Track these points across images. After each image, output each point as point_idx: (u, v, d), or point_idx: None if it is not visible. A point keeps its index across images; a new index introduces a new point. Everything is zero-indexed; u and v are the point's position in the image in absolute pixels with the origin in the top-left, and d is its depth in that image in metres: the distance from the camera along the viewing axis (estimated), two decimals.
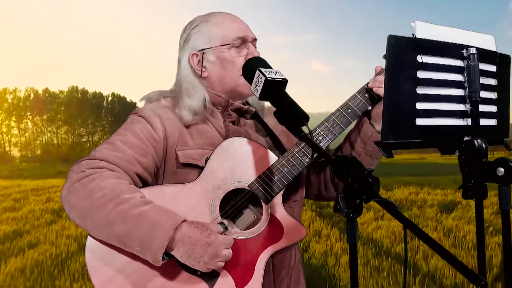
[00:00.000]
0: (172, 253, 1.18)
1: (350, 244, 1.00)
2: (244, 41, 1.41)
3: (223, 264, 1.21)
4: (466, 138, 1.10)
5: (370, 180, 0.96)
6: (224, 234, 1.25)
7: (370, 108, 1.41)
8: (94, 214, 1.18)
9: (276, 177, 1.31)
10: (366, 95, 1.38)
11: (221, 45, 1.40)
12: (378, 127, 1.41)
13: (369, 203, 0.96)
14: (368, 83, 1.39)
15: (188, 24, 1.48)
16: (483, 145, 1.08)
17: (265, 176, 1.31)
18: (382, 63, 1.05)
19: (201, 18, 1.46)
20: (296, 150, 1.34)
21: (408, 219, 0.91)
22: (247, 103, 1.51)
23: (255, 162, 1.33)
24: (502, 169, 1.04)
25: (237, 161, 1.32)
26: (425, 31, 1.06)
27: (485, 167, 1.07)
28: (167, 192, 1.28)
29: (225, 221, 1.28)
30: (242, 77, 1.37)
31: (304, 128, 1.12)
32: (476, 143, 1.08)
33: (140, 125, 1.34)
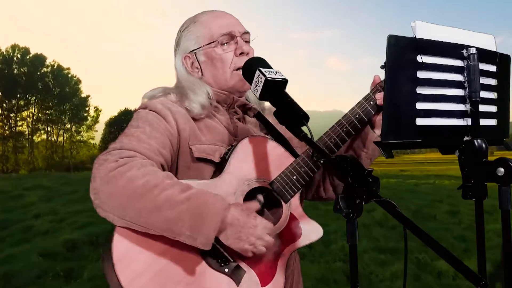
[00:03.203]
0: (220, 235, 1.17)
1: (350, 244, 1.00)
2: (232, 36, 1.40)
3: (264, 249, 1.22)
4: (466, 138, 1.10)
5: (370, 180, 0.96)
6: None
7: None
8: (138, 202, 1.13)
9: (294, 177, 1.33)
10: (371, 102, 1.38)
11: (208, 44, 1.40)
12: (379, 132, 1.42)
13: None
14: (373, 89, 1.40)
15: (180, 27, 1.48)
16: (483, 145, 1.08)
17: (284, 175, 1.33)
18: None
19: (190, 20, 1.47)
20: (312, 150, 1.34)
21: (409, 218, 0.91)
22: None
23: (274, 161, 1.34)
24: (502, 169, 1.04)
25: (257, 159, 1.33)
26: (425, 31, 1.06)
27: (485, 167, 1.07)
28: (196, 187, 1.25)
29: (260, 197, 1.30)
30: (234, 73, 1.38)
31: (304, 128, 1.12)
32: (476, 143, 1.08)
33: (155, 118, 1.31)
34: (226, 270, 1.23)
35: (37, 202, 9.97)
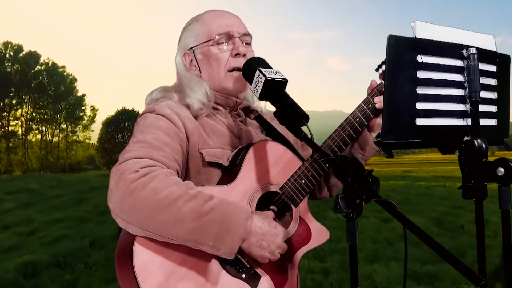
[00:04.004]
0: (242, 244, 1.18)
1: (350, 244, 1.00)
2: (230, 36, 1.38)
3: (279, 256, 1.24)
4: (466, 138, 1.11)
5: (370, 180, 0.97)
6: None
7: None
8: (162, 213, 1.11)
9: (303, 181, 1.34)
10: (370, 106, 1.41)
11: (205, 42, 1.39)
12: (375, 135, 1.47)
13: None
14: (370, 93, 1.42)
15: (185, 25, 1.48)
16: (483, 145, 1.08)
17: (294, 180, 1.34)
18: None
19: (193, 18, 1.46)
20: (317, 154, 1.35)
21: (409, 219, 0.91)
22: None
23: (284, 165, 1.36)
24: (502, 169, 1.04)
25: (268, 164, 1.34)
26: (425, 31, 1.06)
27: (485, 167, 1.07)
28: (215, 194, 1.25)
29: (273, 207, 1.32)
30: (229, 73, 1.37)
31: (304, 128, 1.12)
32: (476, 143, 1.08)
33: (164, 123, 1.28)
34: (244, 275, 1.24)
35: (13, 209, 9.36)
